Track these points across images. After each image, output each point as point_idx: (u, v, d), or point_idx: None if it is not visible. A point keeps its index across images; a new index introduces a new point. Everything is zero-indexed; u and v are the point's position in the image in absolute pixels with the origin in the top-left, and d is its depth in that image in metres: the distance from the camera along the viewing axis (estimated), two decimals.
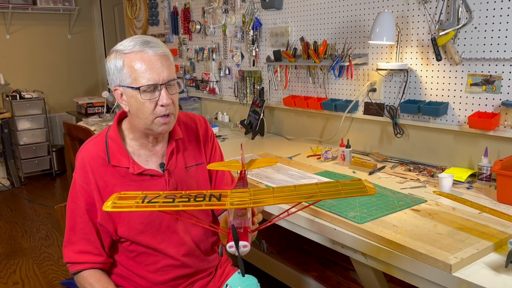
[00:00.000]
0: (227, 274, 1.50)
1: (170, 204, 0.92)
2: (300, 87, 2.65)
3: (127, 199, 0.94)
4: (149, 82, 1.18)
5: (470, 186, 1.70)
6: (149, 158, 1.33)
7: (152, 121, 1.22)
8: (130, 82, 1.20)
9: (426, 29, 1.95)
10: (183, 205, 0.92)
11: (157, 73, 1.18)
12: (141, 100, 1.20)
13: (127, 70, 1.19)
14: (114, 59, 1.21)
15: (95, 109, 4.58)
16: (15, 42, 5.10)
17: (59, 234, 3.48)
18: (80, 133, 3.12)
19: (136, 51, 1.19)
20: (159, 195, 0.95)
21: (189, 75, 3.69)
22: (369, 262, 1.33)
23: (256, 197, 0.94)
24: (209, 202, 0.93)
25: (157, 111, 1.21)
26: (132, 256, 1.34)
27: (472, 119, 1.79)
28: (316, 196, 0.91)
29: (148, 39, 1.22)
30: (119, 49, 1.21)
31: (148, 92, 1.19)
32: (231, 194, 0.96)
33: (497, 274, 1.07)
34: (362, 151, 2.32)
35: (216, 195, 0.95)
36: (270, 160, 1.41)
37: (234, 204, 0.92)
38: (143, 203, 0.93)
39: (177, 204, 0.92)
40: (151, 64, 1.18)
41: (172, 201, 0.93)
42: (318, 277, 2.04)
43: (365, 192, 0.89)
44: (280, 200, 0.92)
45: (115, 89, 1.25)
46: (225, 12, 3.16)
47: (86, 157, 1.28)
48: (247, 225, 0.97)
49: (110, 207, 0.92)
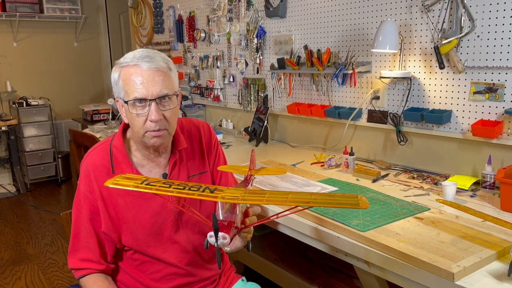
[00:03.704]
0: (231, 281, 1.51)
1: (165, 189, 0.98)
2: (304, 94, 2.66)
3: (130, 179, 1.01)
4: (138, 97, 1.18)
5: (474, 194, 1.70)
6: (152, 168, 1.34)
7: (143, 134, 1.23)
8: (123, 95, 1.21)
9: (429, 37, 1.96)
10: (177, 191, 0.97)
11: (146, 88, 1.17)
12: (132, 114, 1.21)
13: (121, 83, 1.21)
14: (113, 71, 1.23)
15: (101, 116, 4.61)
16: (22, 49, 5.16)
17: (64, 240, 3.49)
18: (86, 140, 3.14)
19: (131, 65, 1.19)
20: (158, 181, 1.02)
21: (193, 82, 3.71)
22: (373, 270, 1.33)
23: (249, 196, 0.97)
24: (202, 193, 0.97)
25: (147, 126, 1.21)
26: (136, 264, 1.35)
27: (475, 127, 1.79)
28: (307, 202, 0.93)
29: (148, 53, 1.21)
30: (119, 62, 1.23)
31: (138, 106, 1.19)
32: (226, 190, 1.00)
33: (499, 283, 1.07)
34: (366, 158, 2.33)
35: (212, 188, 1.00)
36: (279, 169, 1.44)
37: (225, 198, 0.95)
38: (142, 184, 0.99)
39: (172, 190, 0.97)
40: (142, 78, 1.18)
41: (168, 187, 0.98)
42: (322, 285, 2.04)
43: (356, 205, 0.89)
44: (271, 202, 0.95)
45: (116, 100, 1.27)
46: (229, 21, 3.19)
47: (90, 165, 1.30)
48: (233, 220, 1.01)
49: (111, 183, 0.99)
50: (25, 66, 5.20)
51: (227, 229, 0.97)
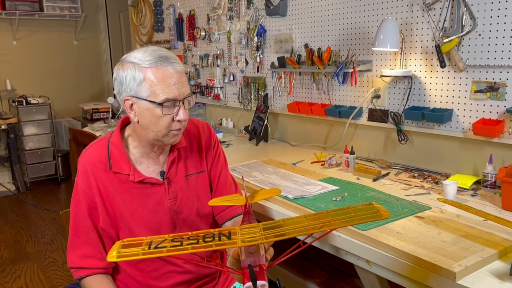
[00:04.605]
0: (231, 280, 1.50)
1: (178, 247, 0.88)
2: (304, 93, 2.65)
3: (131, 246, 0.90)
4: (171, 98, 1.20)
5: (475, 193, 1.69)
6: (150, 166, 1.34)
7: (165, 134, 1.25)
8: (147, 95, 1.20)
9: (430, 36, 1.95)
10: (192, 247, 0.88)
11: (178, 89, 1.21)
12: (158, 114, 1.21)
13: (148, 84, 1.19)
14: (133, 69, 1.20)
15: (101, 114, 4.61)
16: (22, 48, 5.15)
17: (63, 239, 3.49)
18: (86, 138, 3.14)
19: (159, 67, 1.20)
20: (165, 239, 0.91)
21: (194, 81, 3.71)
22: (373, 269, 1.33)
23: (268, 232, 0.90)
24: (219, 241, 0.89)
25: (173, 125, 1.24)
26: (134, 263, 1.34)
27: (476, 126, 1.79)
28: (330, 225, 0.89)
29: (165, 53, 1.23)
30: (137, 62, 1.20)
31: (168, 107, 1.21)
32: (240, 230, 0.93)
33: (501, 282, 1.06)
34: (366, 157, 2.32)
35: (225, 233, 0.92)
36: (274, 190, 1.37)
37: (245, 241, 0.88)
38: (150, 249, 0.88)
39: (186, 247, 0.88)
40: (173, 80, 1.21)
41: (180, 244, 0.89)
42: (322, 284, 2.04)
43: (379, 216, 0.88)
44: (293, 234, 0.89)
45: (126, 99, 1.24)
46: (229, 19, 3.18)
47: (87, 162, 1.30)
48: (262, 263, 0.93)
49: (115, 257, 0.87)
50: (25, 64, 5.19)
51: (262, 275, 0.89)
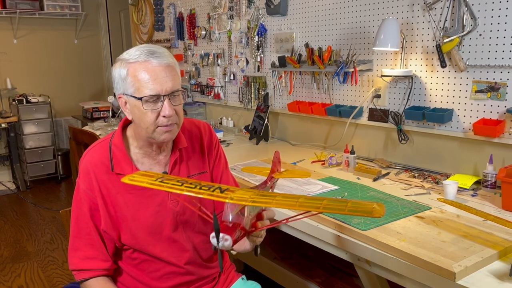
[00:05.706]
0: (230, 280, 1.50)
1: (177, 187, 0.98)
2: (305, 92, 2.65)
3: (146, 176, 1.03)
4: (151, 93, 1.18)
5: (475, 193, 1.69)
6: (153, 166, 1.33)
7: (153, 130, 1.22)
8: (133, 91, 1.20)
9: (431, 36, 1.95)
10: (188, 190, 0.97)
11: (160, 84, 1.18)
12: (143, 110, 1.20)
13: (131, 80, 1.20)
14: (119, 67, 1.22)
15: (101, 113, 4.61)
16: (22, 46, 5.15)
17: (64, 238, 3.49)
18: (86, 137, 3.13)
19: (140, 61, 1.19)
20: (173, 179, 1.02)
21: (194, 80, 3.70)
22: (373, 269, 1.33)
23: (258, 198, 0.95)
24: (212, 193, 0.96)
25: (159, 121, 1.21)
26: (135, 264, 1.34)
27: (477, 126, 1.78)
28: (317, 207, 0.90)
29: (154, 49, 1.21)
30: (125, 58, 1.21)
31: (150, 102, 1.19)
32: (237, 191, 0.98)
33: (501, 283, 1.06)
34: (367, 157, 2.32)
35: (223, 188, 0.98)
36: (303, 172, 1.46)
37: (234, 199, 0.93)
38: (156, 181, 1.00)
39: (183, 188, 0.97)
40: (155, 74, 1.18)
41: (180, 185, 0.98)
42: (322, 284, 2.04)
43: (369, 213, 0.86)
44: (280, 205, 0.92)
45: (119, 96, 1.25)
46: (230, 18, 3.18)
47: (89, 163, 1.29)
48: (239, 222, 0.99)
49: (127, 179, 1.01)
50: (25, 63, 5.19)
51: (230, 230, 0.94)
